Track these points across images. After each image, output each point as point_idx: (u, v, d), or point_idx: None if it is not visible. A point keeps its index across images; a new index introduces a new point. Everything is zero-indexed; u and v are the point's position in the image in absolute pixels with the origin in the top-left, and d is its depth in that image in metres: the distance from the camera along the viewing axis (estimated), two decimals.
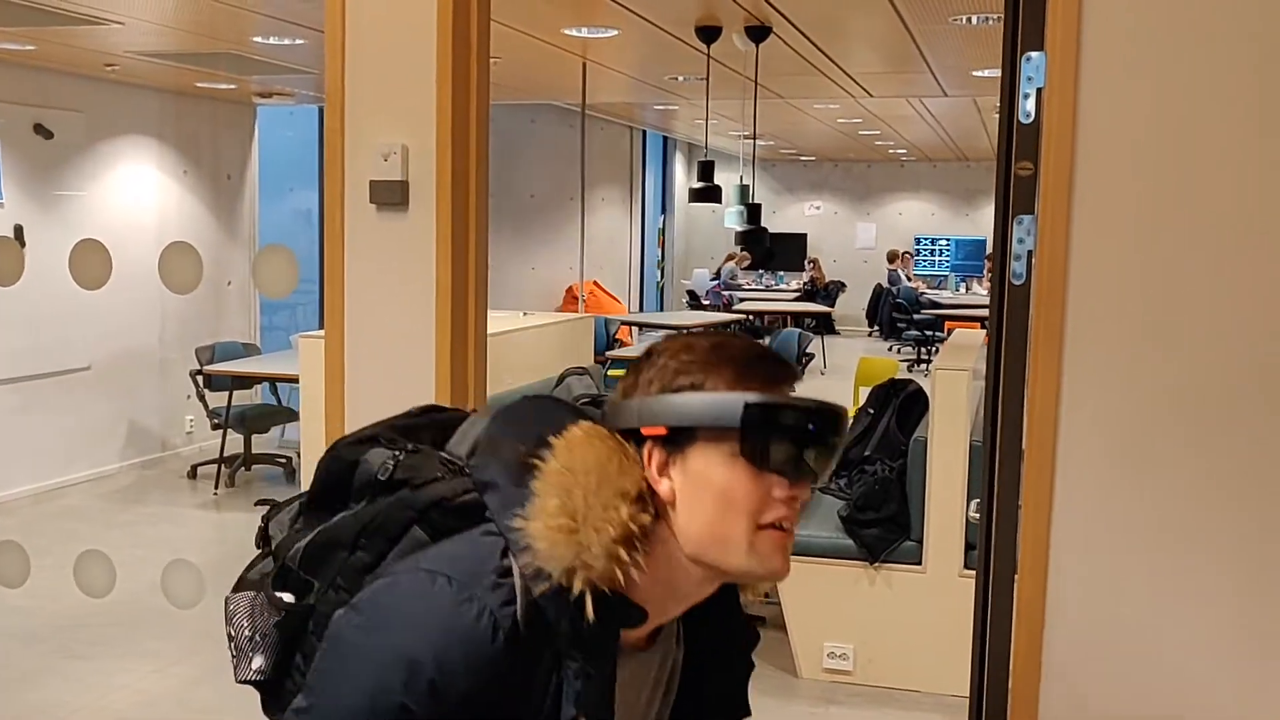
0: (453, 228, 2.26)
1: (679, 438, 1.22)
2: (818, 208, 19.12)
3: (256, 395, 8.30)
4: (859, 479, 4.82)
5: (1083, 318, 1.89)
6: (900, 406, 5.21)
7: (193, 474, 7.66)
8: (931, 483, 4.36)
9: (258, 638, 1.36)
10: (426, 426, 1.43)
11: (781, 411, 1.23)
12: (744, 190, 7.11)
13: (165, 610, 5.04)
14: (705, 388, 1.22)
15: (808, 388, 1.28)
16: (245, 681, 1.37)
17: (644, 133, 15.26)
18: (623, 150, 14.45)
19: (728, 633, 1.41)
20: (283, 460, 7.87)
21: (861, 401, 5.79)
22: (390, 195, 2.26)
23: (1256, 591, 1.83)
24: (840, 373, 11.78)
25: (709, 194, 6.69)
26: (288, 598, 1.33)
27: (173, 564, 3.35)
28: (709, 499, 1.22)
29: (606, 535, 1.17)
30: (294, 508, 1.47)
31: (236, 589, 1.43)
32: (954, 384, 4.30)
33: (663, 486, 1.23)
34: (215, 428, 7.50)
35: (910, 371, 12.28)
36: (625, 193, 14.71)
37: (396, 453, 1.35)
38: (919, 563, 4.40)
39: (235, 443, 7.62)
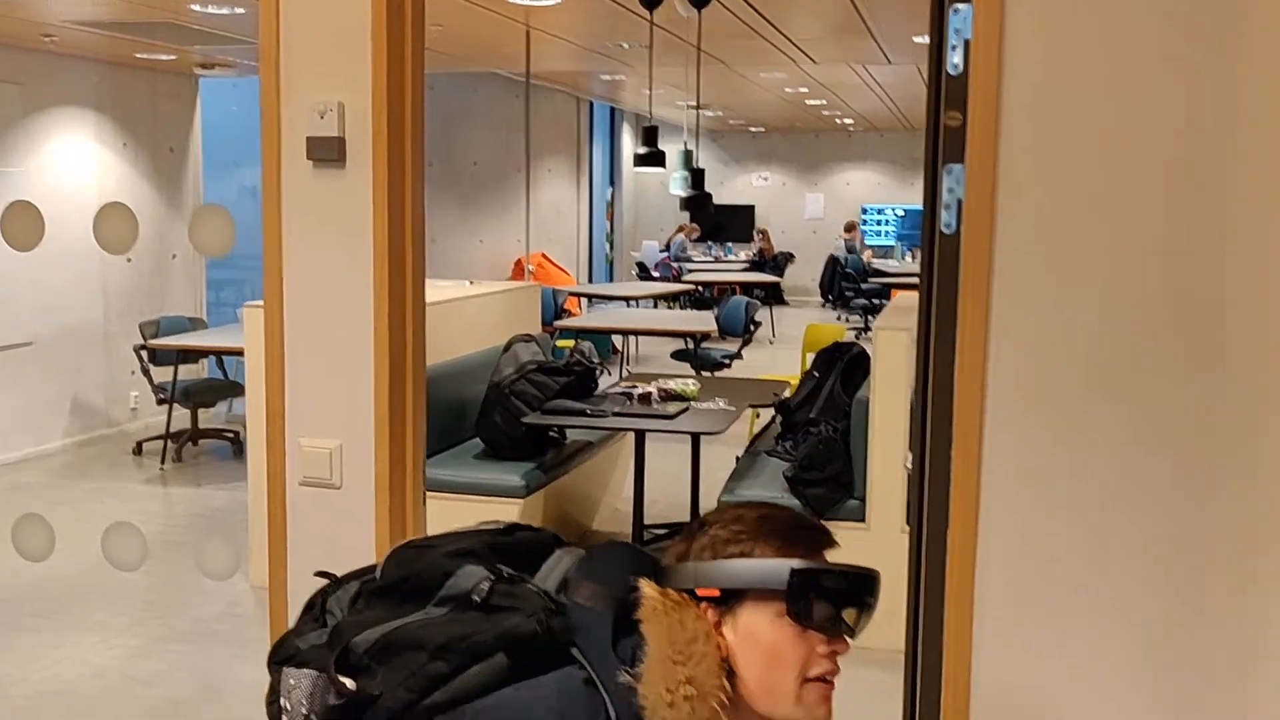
0: (389, 184, 2.26)
1: (730, 599, 1.38)
2: (765, 179, 19.18)
3: (203, 370, 8.23)
4: (804, 440, 4.88)
5: (1009, 267, 1.92)
6: (845, 369, 5.27)
7: (138, 450, 7.59)
8: (874, 442, 4.42)
9: (314, 717, 1.42)
10: (514, 549, 1.54)
11: (823, 576, 1.38)
12: (688, 156, 7.12)
13: (110, 584, 5.02)
14: (754, 555, 1.38)
15: (756, 356, 1.35)
16: None
17: (591, 104, 15.21)
18: (569, 121, 14.40)
19: None
20: (230, 435, 7.82)
21: (808, 366, 5.85)
22: (327, 151, 2.26)
23: (1179, 534, 1.88)
24: (789, 342, 11.86)
25: (653, 159, 6.70)
26: (351, 684, 1.39)
27: (114, 526, 3.32)
28: (759, 655, 1.36)
29: (715, 699, 1.33)
30: (354, 587, 1.54)
31: (284, 655, 1.50)
32: (895, 344, 4.36)
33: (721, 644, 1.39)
34: (160, 403, 7.43)
35: (858, 339, 12.38)
36: (573, 164, 14.67)
37: (492, 576, 1.45)
38: (863, 520, 4.47)
39: (182, 418, 7.55)
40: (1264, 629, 1.84)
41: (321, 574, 1.60)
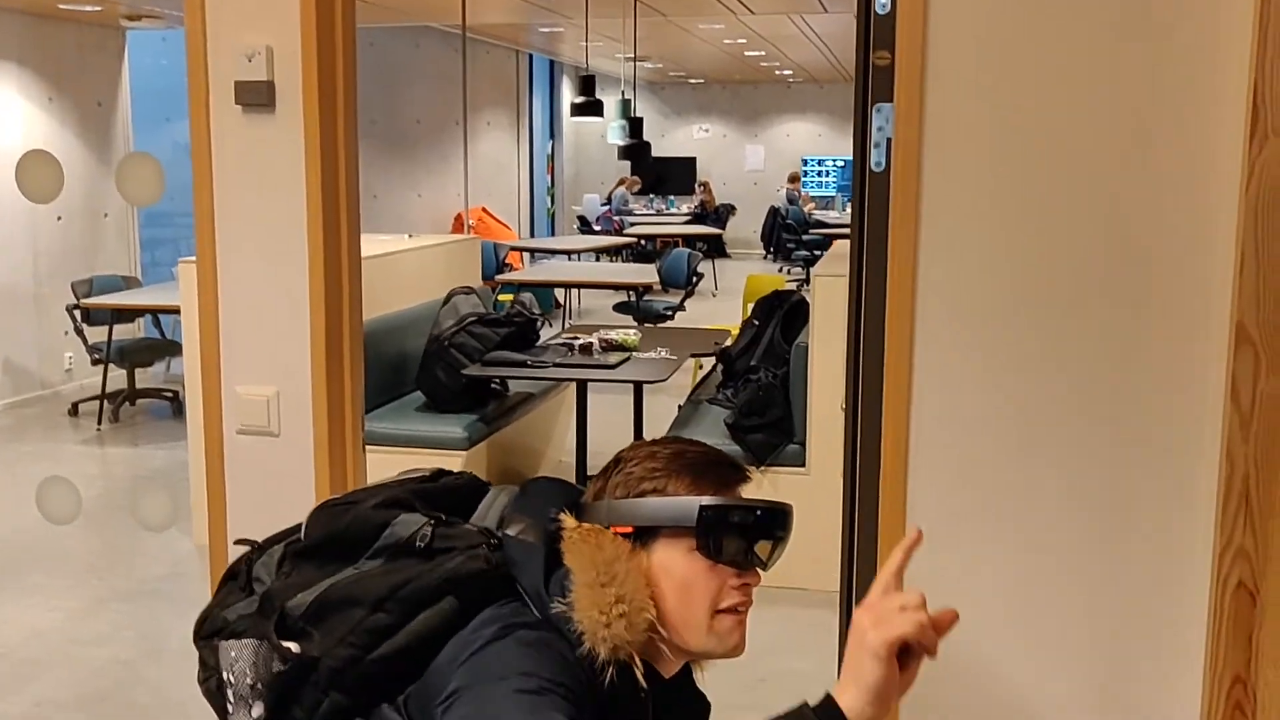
0: (321, 127, 2.24)
1: (644, 535, 1.40)
2: (706, 130, 19.15)
3: (139, 329, 8.10)
4: (745, 387, 4.92)
5: (937, 202, 1.94)
6: (784, 317, 5.31)
7: (74, 411, 7.48)
8: (813, 387, 4.47)
9: (259, 686, 1.41)
10: (442, 494, 1.54)
11: (732, 511, 1.40)
12: (626, 105, 7.10)
13: (49, 546, 4.97)
14: (667, 492, 1.41)
15: (699, 309, 1.36)
16: None
17: (530, 57, 15.08)
18: (509, 75, 14.27)
19: (685, 705, 1.56)
20: (169, 394, 7.73)
21: (749, 315, 5.88)
22: (256, 96, 2.23)
23: (1103, 471, 1.92)
24: (731, 294, 11.90)
25: (590, 108, 6.67)
26: (294, 648, 1.38)
27: (47, 481, 3.28)
28: (672, 588, 1.39)
29: (649, 610, 1.36)
30: (278, 551, 1.52)
31: (212, 629, 1.48)
32: (833, 290, 4.39)
33: None
34: (96, 363, 7.31)
35: (800, 290, 12.44)
36: (512, 118, 14.55)
37: (431, 522, 1.44)
38: (803, 465, 4.53)
39: (118, 379, 7.45)
40: (1182, 555, 1.90)
41: (242, 541, 1.59)
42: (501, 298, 8.44)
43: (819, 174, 18.61)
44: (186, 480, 5.25)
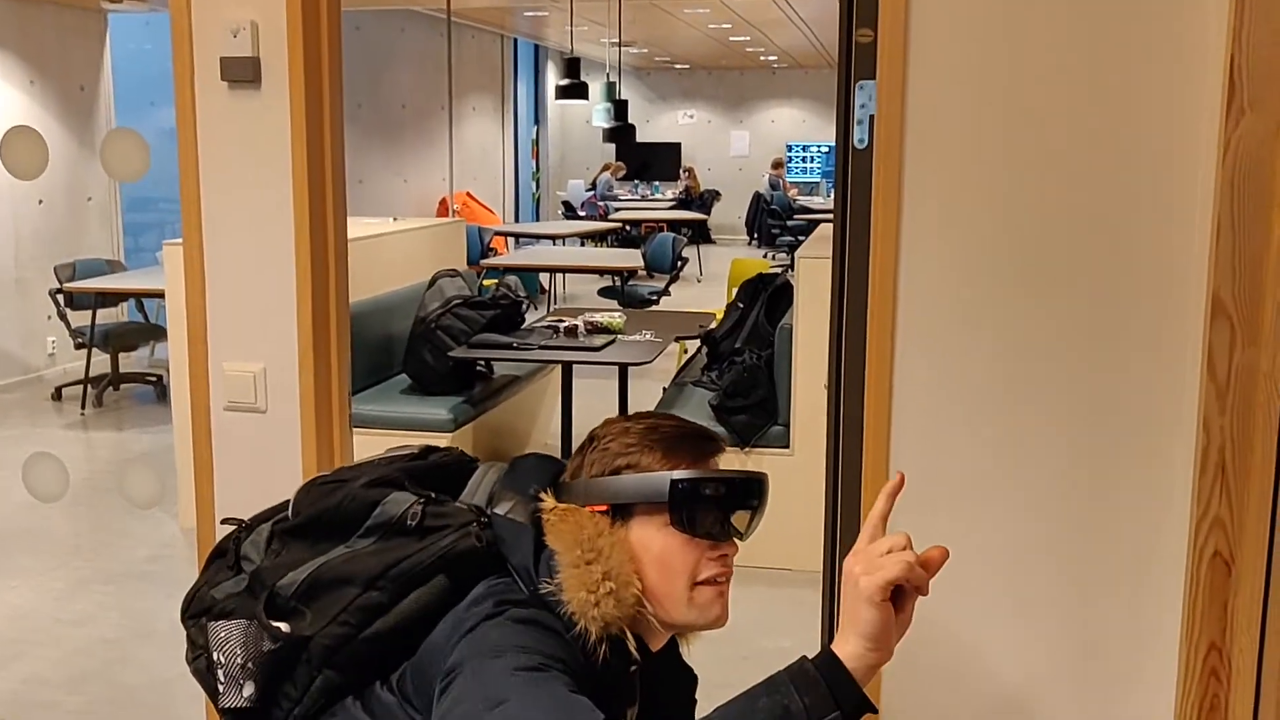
0: (307, 102, 2.24)
1: (621, 513, 1.41)
2: (691, 116, 19.13)
3: (123, 314, 8.08)
4: (730, 369, 4.94)
5: (919, 179, 1.96)
6: (769, 299, 5.33)
7: (57, 396, 7.46)
8: (797, 369, 4.49)
9: (250, 665, 1.41)
10: (431, 472, 1.55)
11: (704, 484, 1.40)
12: (610, 88, 7.10)
13: (34, 529, 4.97)
14: (640, 467, 1.41)
15: (684, 294, 1.37)
16: (232, 709, 1.42)
17: (515, 42, 15.04)
18: (494, 60, 14.23)
19: (673, 679, 1.58)
20: (153, 379, 7.71)
21: (733, 298, 5.89)
22: (242, 72, 2.23)
23: (1086, 451, 1.94)
24: (716, 280, 11.91)
25: (575, 91, 6.67)
26: (284, 628, 1.39)
27: (34, 457, 3.28)
28: (651, 562, 1.39)
29: (635, 585, 1.37)
30: (265, 529, 1.53)
31: (201, 608, 1.48)
32: (817, 271, 4.40)
33: None
34: (79, 347, 7.29)
35: (785, 273, 12.44)
36: (497, 103, 14.52)
37: (421, 500, 1.45)
38: (787, 446, 4.55)
39: (101, 363, 7.42)
40: (1159, 525, 1.93)
41: (230, 520, 1.59)
42: (486, 283, 8.44)
43: (803, 160, 18.62)
44: (172, 464, 5.25)
